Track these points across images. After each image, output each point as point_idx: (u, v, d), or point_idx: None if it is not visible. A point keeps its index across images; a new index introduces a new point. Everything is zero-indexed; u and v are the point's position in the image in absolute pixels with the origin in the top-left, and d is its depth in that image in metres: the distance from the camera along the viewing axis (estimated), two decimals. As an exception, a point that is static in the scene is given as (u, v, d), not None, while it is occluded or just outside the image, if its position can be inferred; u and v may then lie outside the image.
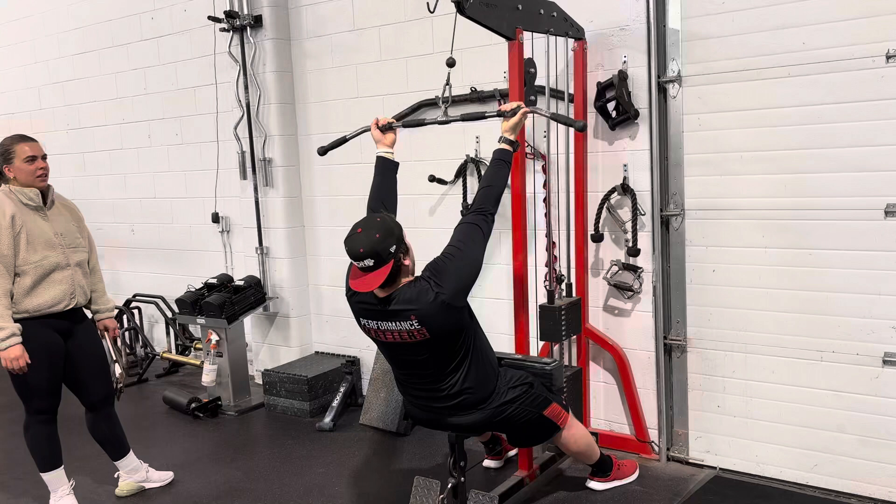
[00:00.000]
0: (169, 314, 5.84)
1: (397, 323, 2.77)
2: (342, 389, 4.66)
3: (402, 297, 2.74)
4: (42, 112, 6.65)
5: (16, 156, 3.31)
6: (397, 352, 2.90)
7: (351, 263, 2.79)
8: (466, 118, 3.13)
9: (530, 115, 3.60)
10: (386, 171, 3.22)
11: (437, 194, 4.44)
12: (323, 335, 5.21)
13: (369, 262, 2.67)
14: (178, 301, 4.98)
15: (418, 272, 2.85)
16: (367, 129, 3.30)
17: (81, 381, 3.53)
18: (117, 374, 3.71)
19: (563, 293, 3.79)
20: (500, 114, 3.01)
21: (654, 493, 3.45)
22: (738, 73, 3.40)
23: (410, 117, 4.49)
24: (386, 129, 3.24)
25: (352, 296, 2.92)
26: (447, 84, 3.15)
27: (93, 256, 3.64)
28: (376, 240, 2.69)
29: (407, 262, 2.80)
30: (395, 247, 2.71)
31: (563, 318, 3.57)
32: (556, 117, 3.00)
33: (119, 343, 3.81)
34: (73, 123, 6.43)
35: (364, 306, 2.85)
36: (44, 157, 3.38)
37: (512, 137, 3.00)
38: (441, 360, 2.84)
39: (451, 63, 3.11)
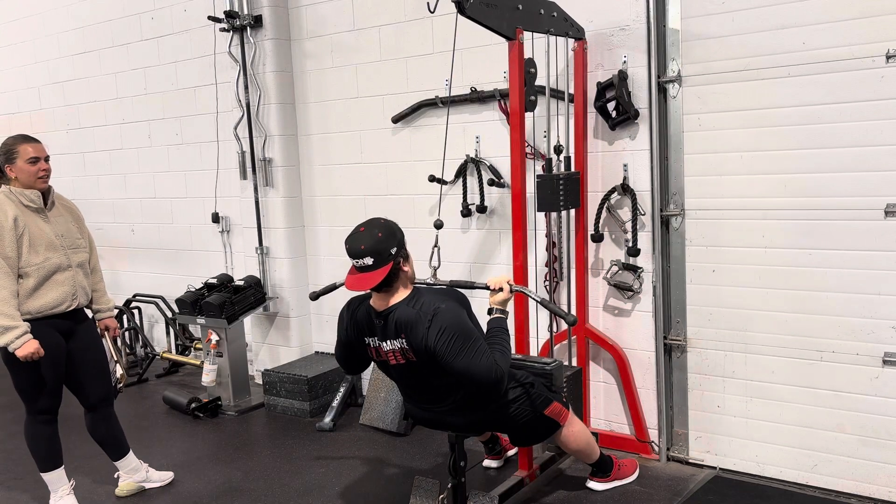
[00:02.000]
0: (169, 314, 5.84)
1: (390, 342, 2.78)
2: (342, 389, 4.66)
3: (398, 317, 2.74)
4: (42, 112, 6.65)
5: (19, 156, 3.30)
6: (397, 372, 2.93)
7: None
8: (456, 285, 3.11)
9: (531, 115, 3.60)
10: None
11: (437, 194, 4.44)
12: (323, 335, 5.21)
13: (369, 261, 2.67)
14: (178, 301, 4.98)
15: (419, 267, 2.85)
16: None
17: (81, 381, 3.52)
18: (118, 375, 3.71)
19: (562, 166, 3.75)
20: (487, 288, 2.98)
21: (654, 493, 3.46)
22: (737, 73, 3.40)
23: (410, 117, 4.49)
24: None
25: (350, 325, 2.92)
26: (435, 246, 3.16)
27: (93, 256, 3.64)
28: (378, 238, 2.69)
29: (406, 268, 2.80)
30: (395, 249, 2.71)
31: (562, 187, 3.52)
32: (545, 305, 2.97)
33: (119, 343, 3.81)
34: (73, 123, 6.43)
35: (365, 321, 2.86)
36: (46, 159, 3.38)
37: (503, 308, 2.95)
38: (438, 378, 2.84)
39: (438, 226, 3.14)
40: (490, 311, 2.96)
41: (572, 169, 3.74)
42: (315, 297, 3.44)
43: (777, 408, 3.50)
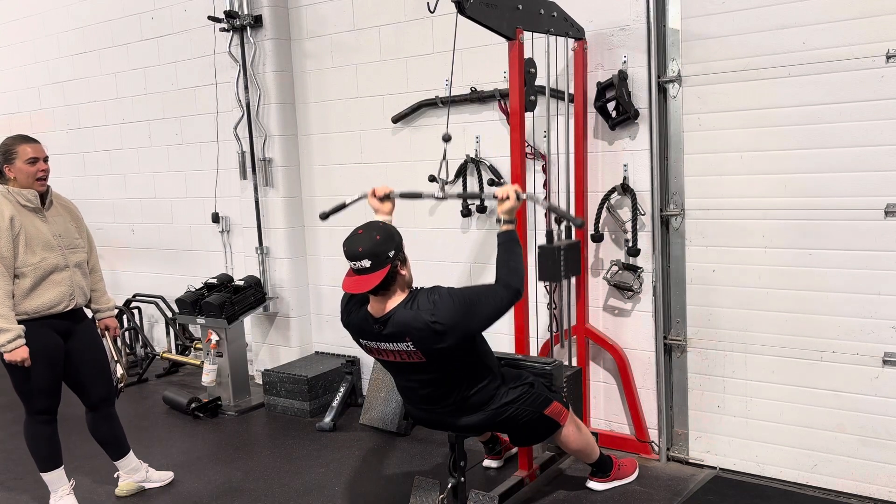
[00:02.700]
0: (169, 314, 5.84)
1: (394, 344, 2.78)
2: (342, 389, 4.66)
3: (397, 320, 2.74)
4: (42, 112, 6.65)
5: (18, 156, 3.30)
6: (397, 369, 2.92)
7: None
8: (463, 196, 3.11)
9: (531, 115, 3.60)
10: None
11: (438, 189, 4.44)
12: (323, 335, 5.21)
13: (366, 264, 2.67)
14: (178, 301, 4.98)
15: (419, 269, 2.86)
16: (365, 196, 3.26)
17: (82, 381, 3.52)
18: (119, 374, 3.72)
19: (563, 234, 3.77)
20: (495, 197, 2.96)
21: (654, 493, 3.46)
22: (737, 73, 3.40)
23: (410, 117, 4.49)
24: (384, 198, 3.20)
25: (348, 323, 2.93)
26: (444, 159, 3.18)
27: (92, 256, 3.64)
28: (376, 241, 2.69)
29: (403, 272, 2.80)
30: (393, 252, 2.71)
31: (563, 258, 3.53)
32: (553, 210, 2.97)
33: (118, 343, 3.81)
34: (73, 123, 6.43)
35: (362, 326, 2.86)
36: (45, 160, 3.38)
37: (510, 218, 2.93)
38: (441, 377, 2.85)
39: (447, 139, 3.12)
40: (498, 221, 2.97)
41: (573, 235, 3.77)
42: (324, 216, 3.43)
43: (777, 408, 3.50)
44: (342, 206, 3.38)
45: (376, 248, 2.67)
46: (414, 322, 2.69)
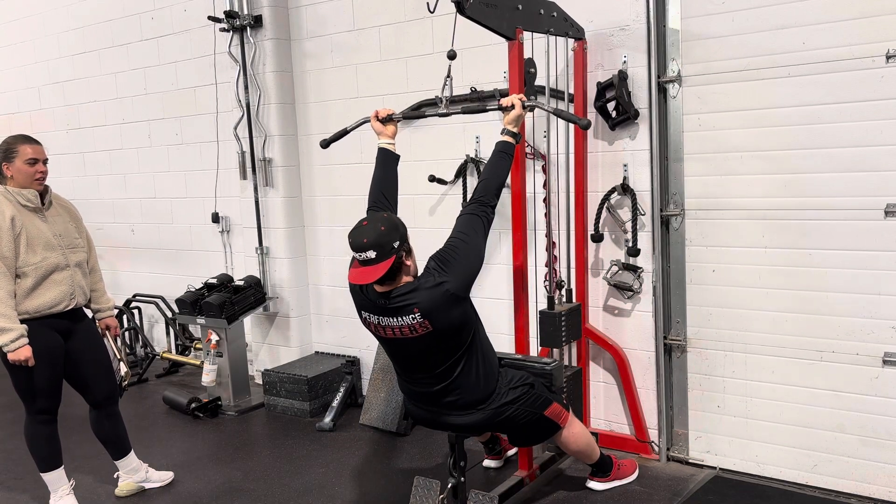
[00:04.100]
0: (169, 314, 5.84)
1: (398, 318, 2.76)
2: (342, 389, 4.66)
3: (404, 290, 2.74)
4: (42, 112, 6.65)
5: (18, 156, 3.30)
6: (397, 347, 2.90)
7: (353, 259, 2.78)
8: (467, 111, 3.11)
9: (530, 115, 3.60)
10: (387, 162, 3.21)
11: (437, 194, 4.44)
12: (323, 335, 5.21)
13: (371, 255, 2.67)
14: (178, 301, 4.98)
15: (421, 267, 2.85)
16: (367, 121, 3.29)
17: (85, 379, 3.53)
18: (122, 373, 3.72)
19: (564, 298, 3.79)
20: (500, 108, 3.00)
21: (654, 493, 3.46)
22: (737, 73, 3.40)
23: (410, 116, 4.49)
24: (386, 121, 3.22)
25: (362, 306, 2.92)
26: (448, 77, 3.12)
27: (92, 256, 3.64)
28: (381, 232, 2.69)
29: (409, 262, 2.80)
30: (398, 243, 2.71)
31: (564, 324, 3.57)
32: (558, 113, 2.97)
33: (119, 342, 3.81)
34: (73, 123, 6.43)
35: (365, 297, 2.85)
36: (45, 162, 3.38)
37: (514, 129, 2.99)
38: (442, 355, 2.83)
39: (451, 55, 3.05)
40: (502, 132, 2.99)
41: (573, 298, 3.79)
42: (325, 144, 3.42)
43: (777, 408, 3.50)
44: (344, 133, 3.38)
45: (381, 239, 2.68)
46: (422, 287, 2.72)
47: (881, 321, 3.20)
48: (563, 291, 3.79)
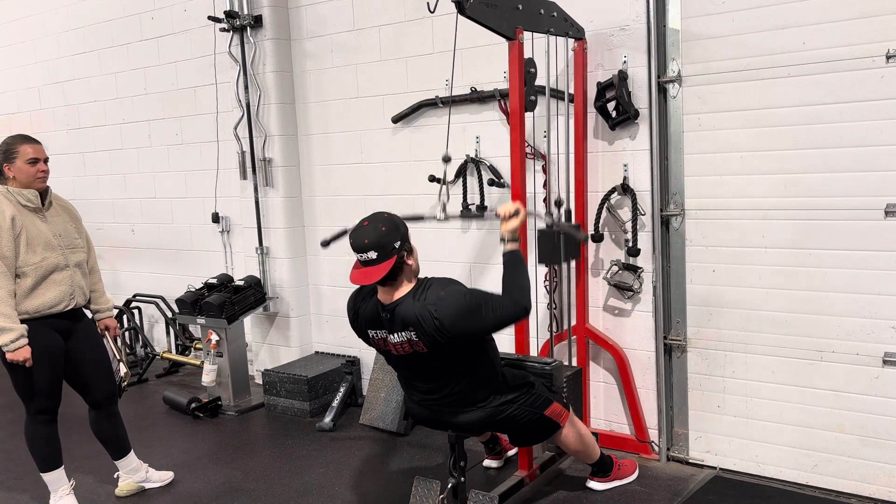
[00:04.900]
0: (169, 314, 5.84)
1: (399, 334, 2.79)
2: (342, 389, 4.66)
3: (403, 310, 2.75)
4: (42, 112, 6.65)
5: (18, 156, 3.31)
6: (402, 363, 2.93)
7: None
8: (465, 217, 3.08)
9: (531, 115, 3.60)
10: None
11: (437, 194, 4.43)
12: (323, 335, 5.21)
13: (372, 255, 2.68)
14: (178, 301, 4.98)
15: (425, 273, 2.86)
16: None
17: (84, 379, 3.53)
18: (122, 373, 3.72)
19: (563, 218, 3.76)
20: (497, 217, 2.95)
21: (654, 493, 3.46)
22: (737, 73, 3.40)
23: (410, 117, 4.49)
24: None
25: (356, 318, 2.94)
26: (444, 178, 3.18)
27: (91, 256, 3.64)
28: (382, 232, 2.70)
29: (410, 262, 2.81)
30: (399, 243, 2.72)
31: (563, 242, 3.53)
32: (559, 227, 2.94)
33: (118, 343, 3.81)
34: (73, 123, 6.43)
35: (372, 315, 2.86)
36: (45, 161, 3.38)
37: (514, 237, 2.92)
38: (442, 369, 2.85)
39: (446, 159, 3.12)
40: (503, 240, 2.93)
41: (573, 219, 3.76)
42: (325, 244, 3.43)
43: (777, 408, 3.50)
44: (344, 233, 3.39)
45: (382, 240, 2.68)
46: (419, 312, 2.71)
47: (881, 321, 3.20)
48: (562, 210, 3.75)
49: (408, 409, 3.17)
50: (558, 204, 3.74)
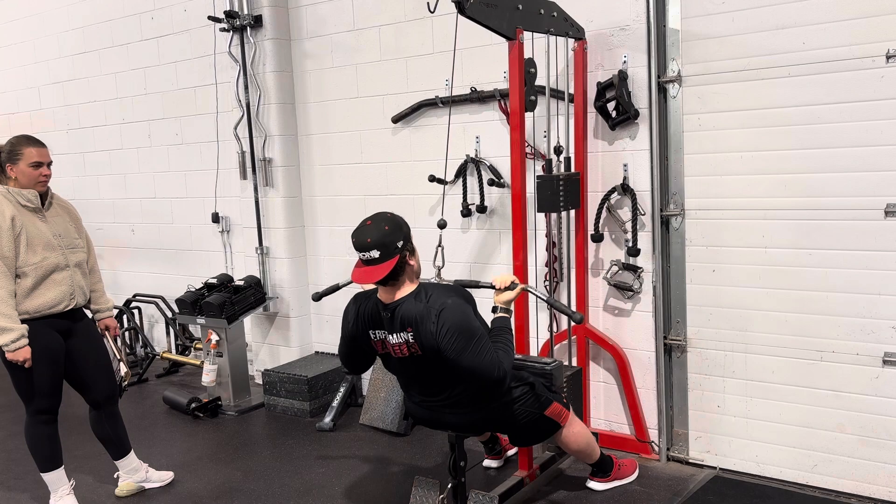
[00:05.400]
0: (169, 314, 5.84)
1: (398, 335, 2.79)
2: (342, 389, 4.66)
3: (404, 310, 2.75)
4: (42, 112, 6.65)
5: (22, 158, 3.30)
6: (401, 365, 2.92)
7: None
8: (460, 284, 3.09)
9: (531, 115, 3.60)
10: None
11: (437, 194, 4.44)
12: (323, 335, 5.21)
13: (375, 254, 2.68)
14: (178, 301, 4.98)
15: (426, 276, 2.87)
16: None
17: (85, 379, 3.53)
18: (122, 373, 3.72)
19: (562, 167, 3.74)
20: (493, 287, 2.97)
21: (654, 493, 3.46)
22: (737, 73, 3.40)
23: (410, 117, 4.49)
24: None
25: (356, 320, 2.94)
26: (439, 246, 3.21)
27: (91, 257, 3.64)
28: (385, 231, 2.70)
29: (412, 262, 2.81)
30: (402, 242, 2.72)
31: (562, 189, 3.52)
32: (553, 304, 2.97)
33: (119, 342, 3.81)
34: (73, 123, 6.43)
35: (373, 315, 2.87)
36: (49, 165, 3.38)
37: (508, 308, 2.94)
38: (440, 371, 2.84)
39: (442, 225, 3.17)
40: (494, 310, 2.96)
41: (572, 170, 3.74)
42: (318, 297, 3.47)
43: (777, 408, 3.50)
44: (336, 288, 3.44)
45: (385, 239, 2.68)
46: (421, 313, 2.71)
47: (881, 321, 3.20)
48: (562, 158, 3.73)
49: (408, 409, 3.17)
50: (557, 151, 3.72)
